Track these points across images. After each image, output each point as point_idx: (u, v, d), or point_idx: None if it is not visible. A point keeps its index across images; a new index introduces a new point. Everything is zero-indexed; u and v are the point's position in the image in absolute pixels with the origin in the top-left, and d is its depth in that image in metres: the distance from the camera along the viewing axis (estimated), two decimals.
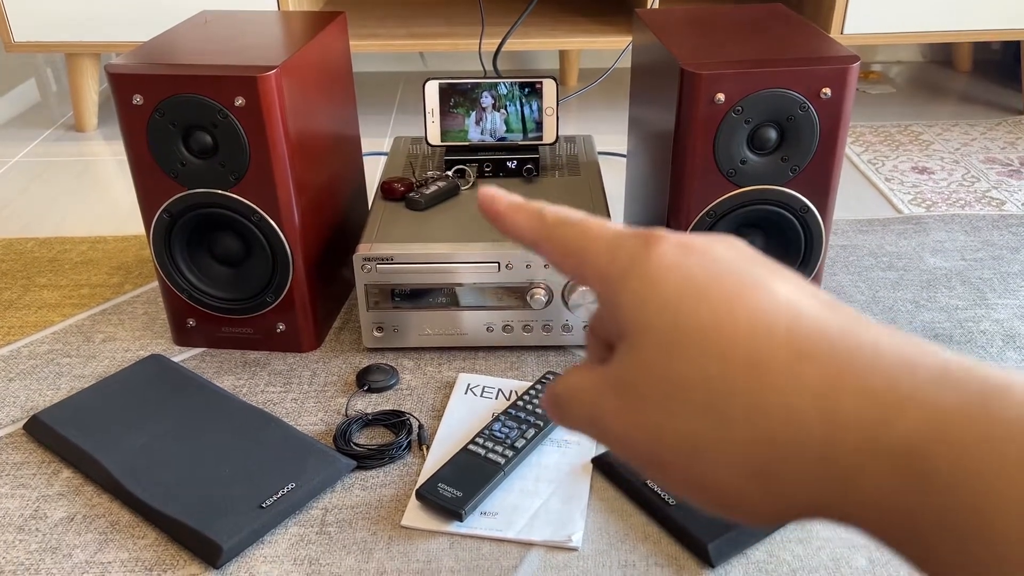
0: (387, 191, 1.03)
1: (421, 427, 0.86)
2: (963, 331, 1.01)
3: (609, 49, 1.66)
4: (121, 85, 0.85)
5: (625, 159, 1.53)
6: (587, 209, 1.00)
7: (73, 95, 1.69)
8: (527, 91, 1.08)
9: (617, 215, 1.29)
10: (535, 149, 1.10)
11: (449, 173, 1.08)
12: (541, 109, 1.08)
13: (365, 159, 1.41)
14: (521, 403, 0.85)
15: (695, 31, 0.94)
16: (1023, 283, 1.11)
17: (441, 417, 0.87)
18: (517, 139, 1.10)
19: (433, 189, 1.02)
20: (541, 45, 1.64)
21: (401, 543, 0.73)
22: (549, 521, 0.74)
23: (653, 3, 1.60)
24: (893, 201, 1.36)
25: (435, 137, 1.10)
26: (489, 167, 1.09)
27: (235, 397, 0.89)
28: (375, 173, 1.46)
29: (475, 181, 1.08)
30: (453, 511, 0.74)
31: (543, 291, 0.93)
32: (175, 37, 0.95)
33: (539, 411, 0.84)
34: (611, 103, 1.84)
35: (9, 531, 0.75)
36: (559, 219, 0.35)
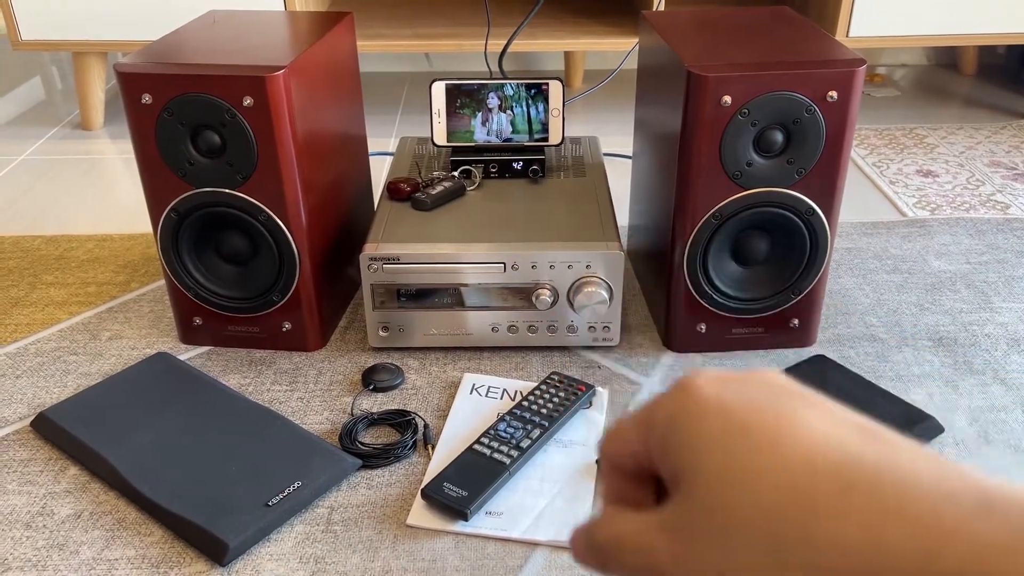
0: (393, 191, 1.04)
1: (426, 427, 0.86)
2: (968, 334, 1.01)
3: (614, 51, 1.66)
4: (130, 84, 0.86)
5: (631, 160, 1.53)
6: (592, 210, 1.00)
7: (80, 94, 1.69)
8: (533, 92, 1.08)
9: (622, 217, 1.29)
10: (541, 150, 1.10)
11: (455, 173, 1.08)
12: (547, 110, 1.09)
13: (370, 159, 1.42)
14: (526, 403, 0.86)
15: (701, 33, 0.95)
16: None
17: (446, 417, 0.88)
18: (523, 140, 1.10)
19: (439, 189, 1.03)
20: (547, 46, 1.64)
21: (406, 542, 0.73)
22: (554, 521, 0.74)
23: (659, 5, 1.60)
24: (898, 204, 1.37)
25: (441, 137, 1.10)
26: (495, 168, 1.09)
27: (241, 395, 0.89)
28: (380, 173, 1.47)
29: (481, 181, 1.08)
30: (458, 510, 0.74)
31: (548, 292, 0.93)
32: (183, 37, 0.96)
33: (544, 411, 0.85)
34: (616, 105, 1.84)
35: (16, 527, 0.75)
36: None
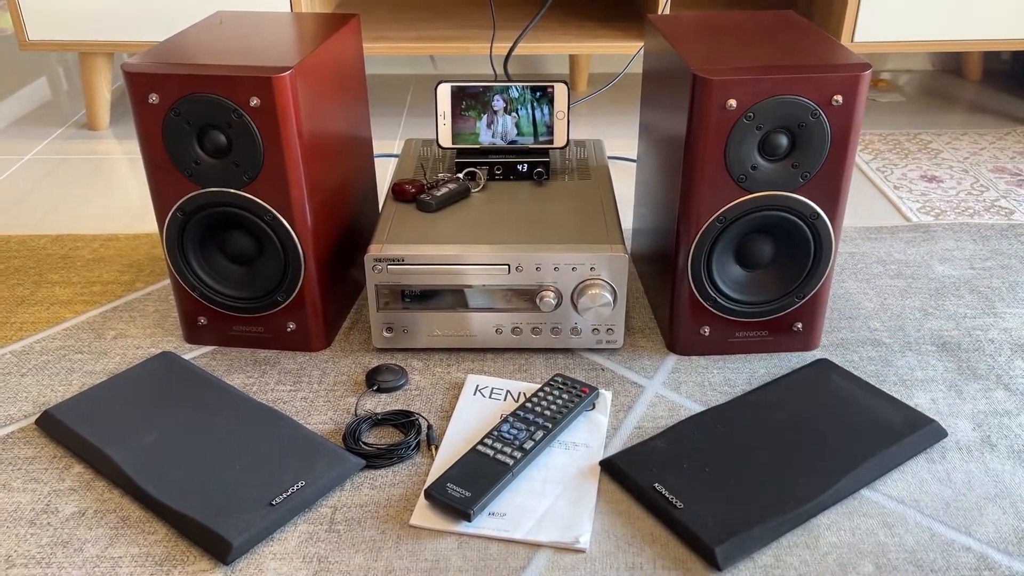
0: (398, 193, 1.04)
1: (430, 427, 0.86)
2: (971, 339, 1.01)
3: (619, 54, 1.66)
4: (137, 84, 0.86)
5: (635, 163, 1.53)
6: (596, 213, 1.00)
7: (86, 94, 1.70)
8: (538, 95, 1.08)
9: (626, 220, 1.30)
10: (546, 152, 1.10)
11: (460, 175, 1.08)
12: (552, 113, 1.09)
13: (375, 160, 1.42)
14: (530, 405, 0.86)
15: (707, 37, 0.95)
16: None
17: (450, 418, 0.88)
18: (528, 142, 1.10)
19: (444, 191, 1.03)
20: (552, 49, 1.64)
21: (409, 542, 0.73)
22: (557, 522, 0.75)
23: (664, 9, 1.61)
24: (902, 209, 1.37)
25: (446, 139, 1.10)
26: (500, 170, 1.09)
27: (245, 395, 0.89)
28: (385, 174, 1.47)
29: (485, 184, 1.08)
30: (461, 511, 0.74)
31: (552, 294, 0.93)
32: (190, 37, 0.96)
33: (547, 413, 0.85)
34: (621, 108, 1.85)
35: (21, 525, 0.75)
36: None
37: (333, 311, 1.01)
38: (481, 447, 0.80)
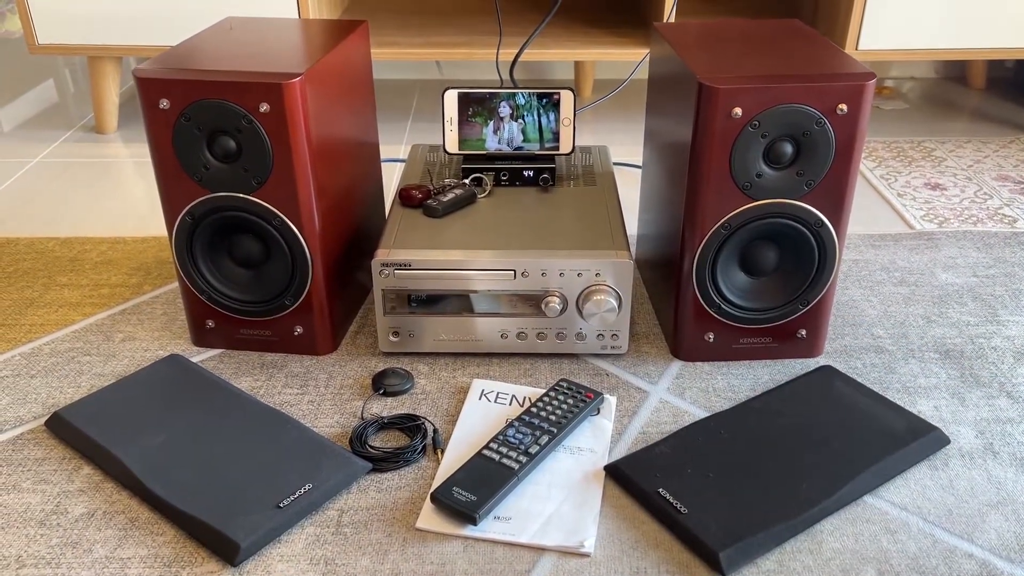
0: (405, 198, 1.05)
1: (436, 431, 0.87)
2: (974, 347, 1.02)
3: (624, 61, 1.67)
4: (148, 89, 0.87)
5: (640, 170, 1.54)
6: (602, 219, 1.01)
7: (94, 97, 1.71)
8: (545, 102, 1.09)
9: (631, 226, 1.30)
10: (551, 159, 1.11)
11: (466, 181, 1.09)
12: (558, 119, 1.10)
13: (382, 165, 1.43)
14: (535, 409, 0.86)
15: (712, 45, 0.96)
16: None
17: (455, 422, 0.88)
18: (534, 149, 1.11)
19: (450, 197, 1.04)
20: (557, 56, 1.65)
21: (415, 545, 0.74)
22: (562, 527, 0.75)
23: (670, 16, 1.61)
24: (905, 217, 1.37)
25: (453, 145, 1.11)
26: (506, 176, 1.10)
27: (253, 398, 0.90)
28: (391, 179, 1.48)
29: (491, 189, 1.09)
30: (467, 514, 0.75)
31: (558, 299, 0.94)
32: (201, 43, 0.97)
33: (552, 418, 0.85)
34: (626, 114, 1.85)
35: (31, 525, 0.76)
36: None
37: (340, 315, 1.02)
38: (487, 451, 0.81)
